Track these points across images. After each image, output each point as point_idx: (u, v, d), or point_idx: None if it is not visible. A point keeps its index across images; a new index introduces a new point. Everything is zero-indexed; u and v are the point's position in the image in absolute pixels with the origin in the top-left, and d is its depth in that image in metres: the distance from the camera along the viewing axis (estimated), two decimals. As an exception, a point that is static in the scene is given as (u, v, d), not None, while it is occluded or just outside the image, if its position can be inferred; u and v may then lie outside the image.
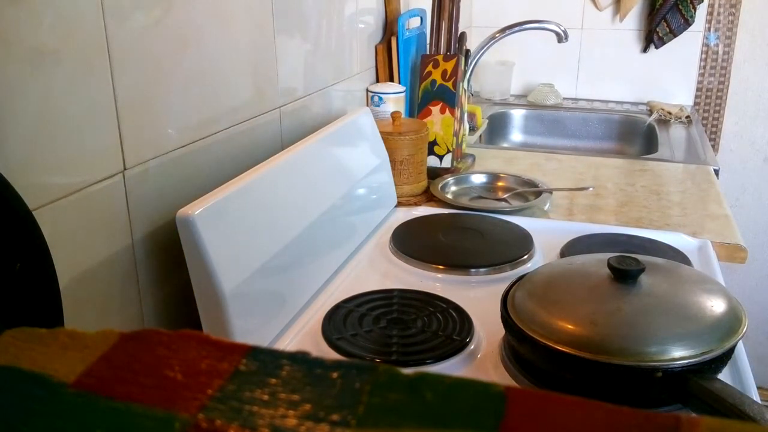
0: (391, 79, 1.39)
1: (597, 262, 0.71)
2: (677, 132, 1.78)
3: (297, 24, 1.01)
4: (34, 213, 0.47)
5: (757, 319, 2.12)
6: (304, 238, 0.83)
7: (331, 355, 0.72)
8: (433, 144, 1.29)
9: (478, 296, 0.87)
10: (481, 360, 0.74)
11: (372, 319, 0.78)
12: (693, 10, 1.94)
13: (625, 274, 0.67)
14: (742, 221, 2.06)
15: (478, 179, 1.29)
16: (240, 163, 0.87)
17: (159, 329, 0.33)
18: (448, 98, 1.30)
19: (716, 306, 0.65)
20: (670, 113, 1.88)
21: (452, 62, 1.31)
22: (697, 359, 0.60)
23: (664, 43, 1.99)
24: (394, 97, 1.32)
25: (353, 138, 1.05)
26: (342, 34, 1.20)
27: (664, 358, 0.60)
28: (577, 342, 0.62)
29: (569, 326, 0.64)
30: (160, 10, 0.70)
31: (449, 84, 1.30)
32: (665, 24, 1.96)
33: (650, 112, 1.91)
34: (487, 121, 1.64)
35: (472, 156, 1.46)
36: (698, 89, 2.05)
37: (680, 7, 1.94)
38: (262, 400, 0.28)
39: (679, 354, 0.60)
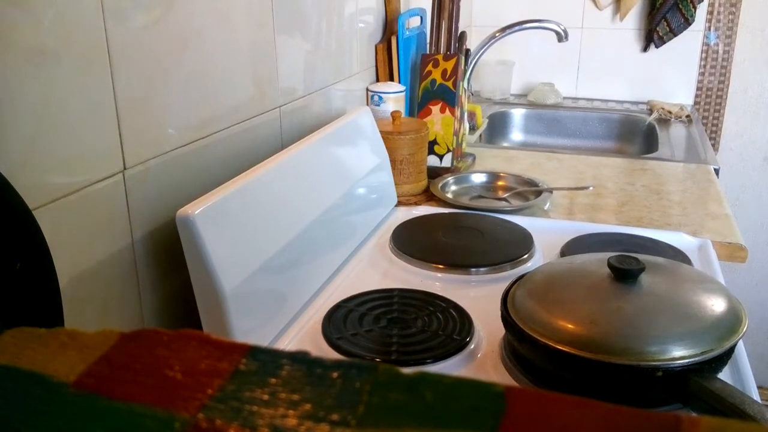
0: (391, 79, 1.39)
1: (597, 261, 0.71)
2: (677, 131, 1.78)
3: (297, 24, 1.01)
4: (34, 213, 0.47)
5: (757, 318, 2.12)
6: (304, 238, 0.83)
7: (331, 354, 0.72)
8: (433, 143, 1.29)
9: (478, 296, 0.87)
10: (481, 360, 0.74)
11: (372, 318, 0.78)
12: (693, 9, 1.94)
13: (625, 274, 0.67)
14: (743, 220, 2.06)
15: (478, 179, 1.29)
16: (240, 163, 0.87)
17: (159, 329, 0.33)
18: (448, 98, 1.30)
19: (716, 305, 0.65)
20: (670, 112, 1.88)
21: (452, 62, 1.30)
22: (697, 359, 0.60)
23: (664, 43, 1.99)
24: (394, 96, 1.32)
25: (353, 137, 1.05)
26: (342, 34, 1.20)
27: (664, 357, 0.60)
28: (577, 342, 0.62)
29: (569, 326, 0.64)
30: (160, 10, 0.70)
31: (449, 83, 1.30)
32: (665, 23, 1.96)
33: (650, 111, 1.91)
34: (487, 120, 1.64)
35: (472, 155, 1.46)
36: (698, 88, 2.05)
37: (680, 6, 1.94)
38: (262, 399, 0.28)
39: (679, 354, 0.60)
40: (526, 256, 0.95)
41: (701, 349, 0.61)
